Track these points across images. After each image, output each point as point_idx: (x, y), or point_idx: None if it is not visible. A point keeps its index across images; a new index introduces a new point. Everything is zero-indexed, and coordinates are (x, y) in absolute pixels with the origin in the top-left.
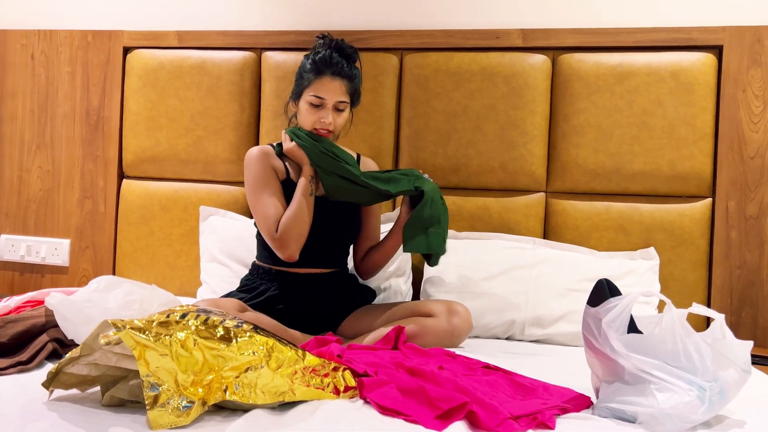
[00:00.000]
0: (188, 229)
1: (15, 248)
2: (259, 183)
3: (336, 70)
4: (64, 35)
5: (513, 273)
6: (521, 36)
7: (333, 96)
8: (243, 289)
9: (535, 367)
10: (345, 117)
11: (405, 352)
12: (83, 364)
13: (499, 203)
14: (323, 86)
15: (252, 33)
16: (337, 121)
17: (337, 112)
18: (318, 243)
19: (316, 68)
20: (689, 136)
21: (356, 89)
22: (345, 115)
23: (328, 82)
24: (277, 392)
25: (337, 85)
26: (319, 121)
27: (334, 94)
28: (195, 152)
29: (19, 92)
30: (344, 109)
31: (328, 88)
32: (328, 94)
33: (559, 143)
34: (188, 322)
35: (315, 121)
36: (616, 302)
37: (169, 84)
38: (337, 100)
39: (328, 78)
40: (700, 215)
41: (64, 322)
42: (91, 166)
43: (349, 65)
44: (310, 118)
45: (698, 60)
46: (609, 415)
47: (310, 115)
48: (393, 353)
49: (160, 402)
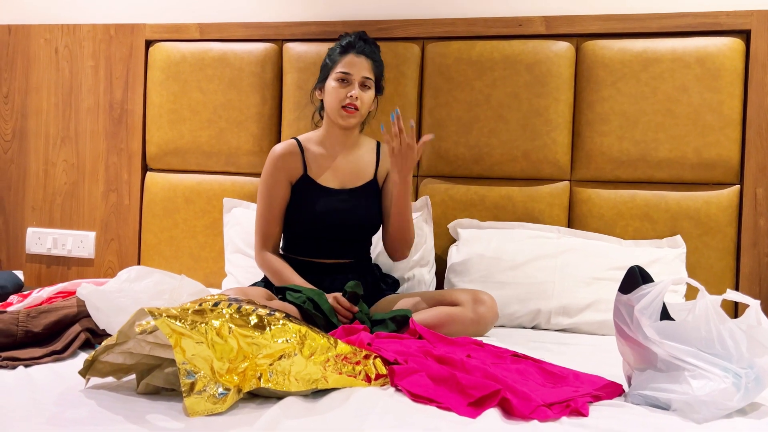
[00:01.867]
0: (212, 220)
1: (42, 241)
2: (263, 189)
3: (359, 49)
4: (87, 29)
5: (538, 262)
6: (544, 23)
7: (359, 71)
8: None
9: (564, 356)
10: (371, 96)
11: (431, 340)
12: (118, 352)
13: (523, 192)
14: (350, 62)
15: (273, 24)
16: (364, 98)
17: (363, 89)
18: (337, 236)
19: (342, 49)
20: (715, 123)
21: (380, 72)
22: (371, 94)
23: (354, 58)
24: (311, 380)
25: (363, 61)
26: (346, 97)
27: (361, 69)
28: (218, 144)
29: (44, 86)
30: (370, 87)
31: (354, 63)
32: (354, 68)
33: (584, 131)
34: (222, 310)
35: (342, 98)
36: (649, 289)
37: (192, 76)
38: (363, 75)
39: (353, 55)
40: (728, 203)
41: (96, 312)
42: (115, 159)
43: (370, 48)
44: (337, 95)
45: (725, 45)
46: (642, 402)
47: (337, 93)
48: (420, 342)
49: (197, 389)
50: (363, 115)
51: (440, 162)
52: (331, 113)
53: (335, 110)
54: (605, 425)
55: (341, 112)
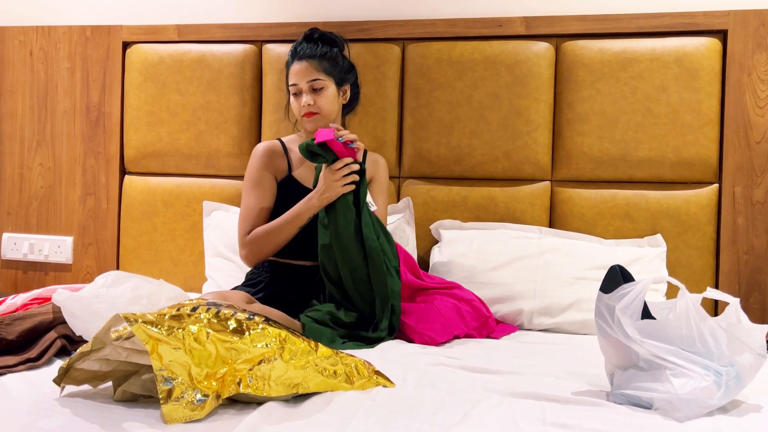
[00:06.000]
0: (192, 224)
1: (17, 246)
2: (249, 183)
3: (300, 55)
4: (62, 31)
5: (520, 262)
6: (524, 24)
7: (302, 78)
8: (248, 283)
9: (547, 354)
10: (328, 96)
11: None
12: (94, 359)
13: (505, 193)
14: (294, 72)
15: (252, 26)
16: (319, 101)
17: (315, 93)
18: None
19: (290, 59)
20: (694, 122)
21: (332, 65)
22: (328, 94)
23: (296, 67)
24: (291, 384)
25: (304, 67)
26: (301, 108)
27: (304, 75)
28: (197, 147)
29: (19, 89)
30: (322, 87)
31: (296, 71)
32: (297, 77)
33: (564, 131)
34: (200, 315)
35: (299, 109)
36: (630, 288)
37: (170, 78)
38: (307, 80)
39: (295, 65)
40: (707, 201)
41: (72, 318)
42: (92, 163)
43: (314, 46)
44: (295, 107)
45: (702, 45)
46: (624, 401)
47: (295, 104)
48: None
49: (174, 396)
50: (328, 113)
51: (422, 163)
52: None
53: (300, 120)
54: (587, 425)
55: (304, 120)
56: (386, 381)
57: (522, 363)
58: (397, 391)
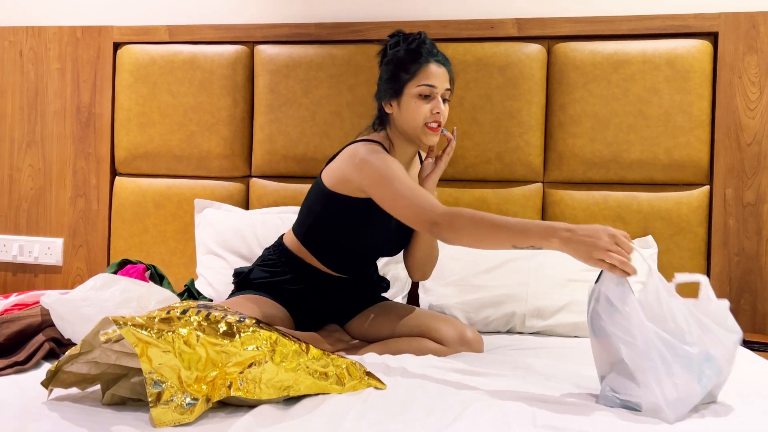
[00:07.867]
0: (182, 225)
1: (7, 248)
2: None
3: (437, 57)
4: (52, 32)
5: (512, 264)
6: (516, 25)
7: (442, 83)
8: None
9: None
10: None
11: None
12: (83, 362)
13: (497, 194)
14: (432, 73)
15: (244, 26)
16: (446, 114)
17: (445, 104)
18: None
19: (420, 56)
20: (685, 124)
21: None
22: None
23: (435, 68)
24: (282, 387)
25: (444, 72)
26: (431, 114)
27: (444, 81)
28: (188, 148)
29: (8, 90)
30: (449, 100)
31: (436, 74)
32: (438, 81)
33: (556, 133)
34: (190, 317)
35: (427, 115)
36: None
37: (161, 79)
38: (446, 88)
39: (433, 65)
40: (698, 203)
41: (61, 321)
42: (83, 164)
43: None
44: (421, 112)
45: (694, 47)
46: (614, 404)
47: (420, 109)
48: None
49: (164, 399)
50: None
51: None
52: (411, 131)
53: (417, 128)
54: (578, 427)
55: (425, 130)
56: (377, 382)
57: (513, 366)
58: (388, 393)
